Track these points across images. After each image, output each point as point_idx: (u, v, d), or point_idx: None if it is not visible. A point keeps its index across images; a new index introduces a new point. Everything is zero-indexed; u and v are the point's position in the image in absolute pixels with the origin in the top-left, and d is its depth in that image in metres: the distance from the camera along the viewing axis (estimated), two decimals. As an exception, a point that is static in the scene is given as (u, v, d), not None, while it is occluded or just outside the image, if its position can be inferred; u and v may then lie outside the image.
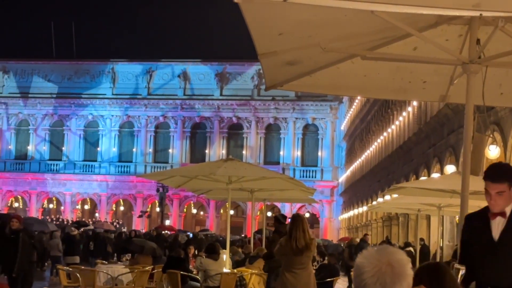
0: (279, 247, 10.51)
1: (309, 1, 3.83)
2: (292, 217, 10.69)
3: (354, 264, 2.83)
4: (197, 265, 14.67)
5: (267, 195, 19.83)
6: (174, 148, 64.73)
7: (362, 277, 2.71)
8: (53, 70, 67.08)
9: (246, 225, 59.46)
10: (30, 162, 66.49)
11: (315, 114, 63.12)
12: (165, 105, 64.80)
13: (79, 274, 16.07)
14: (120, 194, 65.31)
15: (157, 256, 20.50)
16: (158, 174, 26.79)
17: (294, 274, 10.14)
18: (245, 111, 63.95)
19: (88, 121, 66.54)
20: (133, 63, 66.37)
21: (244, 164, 18.29)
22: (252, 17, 4.41)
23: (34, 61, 67.99)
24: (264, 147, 64.16)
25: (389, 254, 2.74)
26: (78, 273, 16.18)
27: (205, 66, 65.20)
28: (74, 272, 16.41)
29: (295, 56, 5.28)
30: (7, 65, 67.73)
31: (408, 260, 2.76)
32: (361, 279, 2.72)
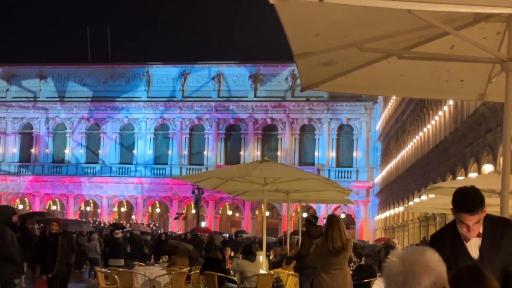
0: (315, 247, 10.46)
1: (345, 1, 3.82)
2: (327, 218, 10.63)
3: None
4: (234, 266, 14.69)
5: (303, 196, 19.76)
6: (209, 150, 64.92)
7: (385, 276, 2.75)
8: (89, 74, 67.75)
9: (282, 226, 59.39)
10: (67, 166, 67.22)
11: (349, 115, 62.83)
12: (200, 107, 65.04)
13: (117, 276, 16.19)
14: (156, 196, 65.71)
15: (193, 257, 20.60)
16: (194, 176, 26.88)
17: (330, 275, 10.09)
18: (279, 112, 63.90)
19: (124, 124, 67.06)
20: (168, 66, 66.74)
21: (280, 165, 18.24)
22: (287, 17, 4.41)
23: (70, 65, 68.78)
24: (299, 148, 64.04)
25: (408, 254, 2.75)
26: (116, 275, 16.30)
27: (239, 67, 65.30)
28: (112, 274, 16.54)
29: (331, 56, 5.25)
30: (44, 70, 68.57)
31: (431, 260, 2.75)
32: (385, 278, 2.75)
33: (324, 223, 10.75)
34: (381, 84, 6.33)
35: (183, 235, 41.83)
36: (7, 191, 67.57)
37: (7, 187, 67.54)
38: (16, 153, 68.56)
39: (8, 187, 67.55)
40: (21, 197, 67.82)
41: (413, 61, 5.41)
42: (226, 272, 15.36)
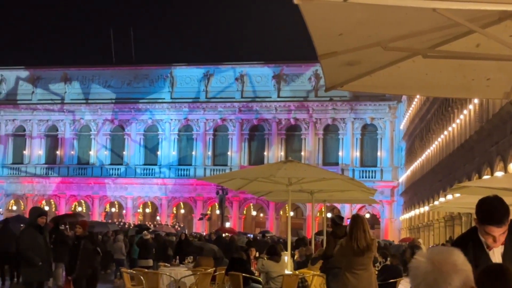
0: (339, 248, 10.43)
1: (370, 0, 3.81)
2: (352, 218, 10.61)
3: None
4: (259, 267, 14.70)
5: (327, 196, 19.74)
6: (233, 150, 65.01)
7: (412, 276, 2.74)
8: (113, 76, 68.15)
9: (306, 227, 59.32)
10: (92, 167, 67.68)
11: (373, 114, 62.59)
12: (223, 108, 65.17)
13: (142, 277, 16.28)
14: (180, 197, 65.94)
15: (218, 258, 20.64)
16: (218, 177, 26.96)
17: (355, 275, 10.05)
18: (302, 113, 63.83)
19: (148, 125, 67.37)
20: (191, 67, 66.97)
21: (304, 165, 18.23)
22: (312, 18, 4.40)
23: (94, 67, 69.24)
24: (323, 148, 63.92)
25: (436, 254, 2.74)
26: (142, 275, 16.39)
27: (263, 68, 65.33)
28: (138, 275, 16.63)
29: (355, 56, 5.24)
30: (69, 72, 69.11)
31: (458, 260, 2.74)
32: (412, 279, 2.75)
33: (348, 223, 10.72)
34: (406, 84, 6.31)
35: (207, 236, 41.93)
36: (33, 192, 68.18)
37: (33, 189, 68.17)
38: (41, 155, 69.15)
39: (34, 189, 68.18)
40: (47, 199, 68.40)
41: (438, 60, 5.38)
42: (251, 272, 15.38)
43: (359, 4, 3.96)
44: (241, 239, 35.98)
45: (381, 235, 58.40)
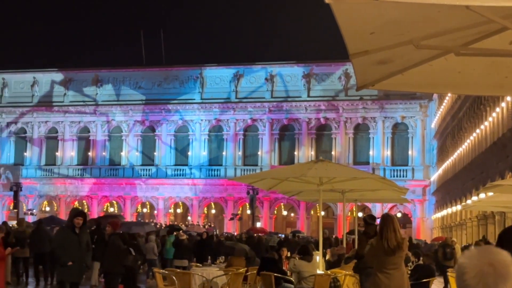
0: (370, 247, 10.39)
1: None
2: (382, 217, 10.53)
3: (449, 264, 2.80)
4: (291, 266, 14.70)
5: (358, 196, 19.67)
6: (263, 150, 65.03)
7: (464, 277, 2.68)
8: (144, 77, 68.55)
9: (337, 226, 59.18)
10: (123, 168, 68.13)
11: (404, 113, 62.19)
12: (253, 108, 65.21)
13: (175, 277, 16.35)
14: (211, 197, 66.11)
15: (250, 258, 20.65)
16: (249, 177, 26.96)
17: (387, 275, 9.99)
18: (333, 112, 63.65)
19: (178, 126, 67.64)
20: (221, 67, 67.11)
21: (335, 165, 18.21)
22: (343, 17, 4.40)
23: (125, 69, 69.70)
24: (353, 148, 63.68)
25: (491, 254, 2.68)
26: (174, 275, 16.46)
27: (292, 68, 65.26)
28: (170, 275, 16.70)
29: (387, 54, 5.21)
30: (100, 74, 69.66)
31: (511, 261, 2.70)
32: (463, 280, 2.69)
33: (379, 222, 10.66)
34: (438, 82, 6.27)
35: (238, 236, 42.01)
36: (66, 194, 68.85)
37: (66, 190, 68.82)
38: (74, 156, 69.79)
39: (67, 190, 68.83)
40: (79, 200, 69.00)
41: (471, 58, 5.33)
42: (283, 272, 15.37)
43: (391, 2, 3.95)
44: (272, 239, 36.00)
45: (413, 235, 57.93)
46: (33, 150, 70.42)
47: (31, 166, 69.92)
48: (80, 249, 14.08)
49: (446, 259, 25.04)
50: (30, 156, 70.34)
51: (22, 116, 70.70)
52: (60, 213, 65.14)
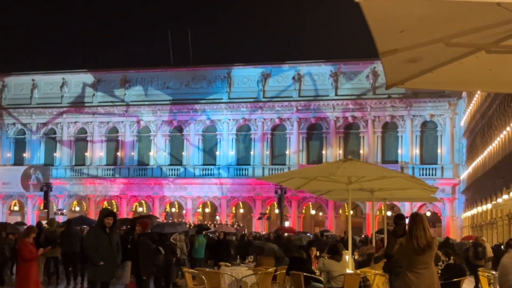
0: (399, 247, 10.34)
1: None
2: (411, 216, 10.47)
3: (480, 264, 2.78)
4: (320, 266, 14.66)
5: (387, 195, 19.56)
6: (291, 150, 64.96)
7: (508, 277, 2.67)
8: (171, 77, 68.82)
9: (366, 225, 58.96)
10: (152, 168, 68.46)
11: (433, 111, 61.74)
12: (281, 107, 65.16)
13: (204, 277, 16.39)
14: (239, 196, 66.20)
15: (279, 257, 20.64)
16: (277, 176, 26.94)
17: (417, 274, 9.92)
18: (360, 111, 63.40)
19: (206, 126, 67.81)
20: (248, 67, 67.15)
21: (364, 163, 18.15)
22: (373, 15, 4.39)
23: (153, 69, 70.04)
24: (382, 146, 63.38)
25: None
26: (203, 275, 16.50)
27: (319, 66, 65.11)
28: (199, 275, 16.75)
29: (417, 53, 5.19)
30: (128, 74, 70.06)
31: None
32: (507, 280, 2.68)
33: (408, 221, 10.60)
34: (468, 80, 6.22)
35: (266, 235, 42.02)
36: (95, 193, 69.37)
37: (95, 190, 69.34)
38: (103, 156, 70.28)
39: (96, 190, 69.35)
40: (108, 200, 69.46)
41: (502, 55, 5.29)
42: (312, 272, 15.35)
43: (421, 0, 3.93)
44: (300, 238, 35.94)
45: (443, 234, 57.61)
46: (63, 151, 71.03)
47: (61, 167, 70.55)
48: (111, 249, 14.19)
49: (477, 258, 24.83)
50: (60, 157, 70.96)
51: (52, 117, 71.35)
52: (90, 213, 65.66)
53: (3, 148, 72.55)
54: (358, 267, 17.82)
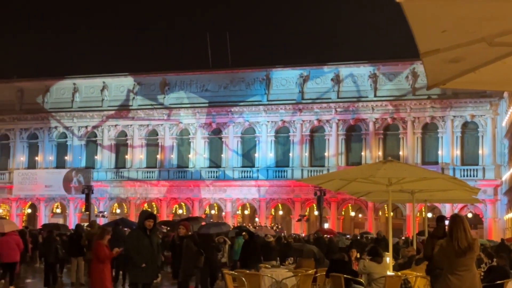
0: (440, 248, 10.22)
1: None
2: (451, 218, 10.34)
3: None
4: (361, 268, 14.59)
5: (428, 196, 19.40)
6: (330, 151, 64.74)
7: None
8: (210, 80, 69.07)
9: (406, 227, 58.50)
10: (191, 170, 68.75)
11: (474, 112, 61.00)
12: (320, 109, 64.98)
13: (244, 278, 16.41)
14: (278, 198, 66.15)
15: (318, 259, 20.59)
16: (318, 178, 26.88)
17: (458, 277, 9.78)
18: (400, 111, 62.92)
19: (244, 128, 67.90)
20: (287, 69, 67.08)
21: (404, 165, 18.02)
22: (414, 15, 4.36)
23: (191, 72, 70.37)
24: (421, 147, 62.80)
25: None
26: (244, 277, 16.52)
27: (358, 67, 64.77)
28: (240, 276, 16.78)
29: (459, 53, 5.14)
30: (167, 77, 70.51)
31: None
32: None
33: (448, 223, 10.47)
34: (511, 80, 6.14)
35: (306, 237, 41.93)
36: (136, 196, 69.90)
37: (136, 192, 69.87)
38: (143, 159, 70.79)
39: (136, 192, 69.87)
40: (148, 202, 69.94)
41: (546, 54, 5.21)
42: (353, 273, 15.28)
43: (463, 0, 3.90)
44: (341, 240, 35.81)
45: (485, 235, 56.87)
46: (104, 154, 71.72)
47: (102, 169, 71.25)
48: (152, 251, 14.31)
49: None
50: (101, 159, 71.66)
51: (93, 121, 72.11)
52: (130, 215, 66.21)
53: (46, 152, 73.56)
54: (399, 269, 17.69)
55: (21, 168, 73.87)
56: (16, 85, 75.57)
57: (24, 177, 72.67)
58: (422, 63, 5.30)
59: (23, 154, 74.58)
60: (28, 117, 74.14)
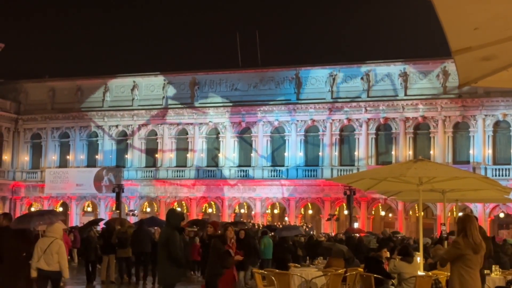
0: (455, 244, 10.36)
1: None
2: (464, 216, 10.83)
3: None
4: (391, 268, 14.52)
5: (459, 196, 19.24)
6: (360, 150, 64.47)
7: None
8: (239, 79, 69.14)
9: (437, 227, 58.03)
10: (221, 169, 68.87)
11: (506, 110, 60.34)
12: (349, 107, 64.74)
13: (274, 277, 16.42)
14: (308, 198, 66.03)
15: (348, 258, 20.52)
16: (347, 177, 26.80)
17: (472, 274, 10.08)
18: (430, 111, 62.46)
19: (274, 127, 67.86)
20: (316, 68, 66.92)
21: (435, 164, 17.89)
22: (446, 13, 4.32)
23: (221, 71, 70.50)
24: (452, 146, 62.28)
25: None
26: (273, 276, 16.53)
27: (388, 66, 64.42)
28: (269, 275, 16.79)
29: (491, 50, 5.08)
30: (197, 76, 70.74)
31: None
32: None
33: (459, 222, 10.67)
34: (545, 78, 6.06)
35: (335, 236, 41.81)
36: (166, 195, 70.19)
37: (166, 191, 70.16)
38: (173, 158, 71.07)
39: (166, 191, 70.17)
40: (178, 201, 70.21)
41: None
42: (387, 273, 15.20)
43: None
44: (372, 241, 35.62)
45: (517, 235, 56.26)
46: (134, 153, 72.13)
47: (132, 168, 71.67)
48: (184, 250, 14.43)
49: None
50: (131, 158, 72.08)
51: (123, 120, 72.56)
52: (161, 214, 66.44)
53: (77, 150, 74.21)
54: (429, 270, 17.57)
55: (52, 167, 74.61)
56: (48, 84, 76.41)
57: (56, 175, 73.37)
58: (454, 61, 5.25)
59: (55, 153, 75.32)
60: (59, 116, 74.86)
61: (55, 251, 13.96)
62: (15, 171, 76.37)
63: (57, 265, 13.98)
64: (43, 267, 13.90)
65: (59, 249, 14.03)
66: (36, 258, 13.89)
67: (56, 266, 13.99)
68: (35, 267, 13.88)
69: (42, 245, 14.03)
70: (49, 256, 13.88)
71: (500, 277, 16.57)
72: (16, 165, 76.53)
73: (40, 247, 13.99)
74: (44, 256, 13.87)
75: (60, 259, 14.00)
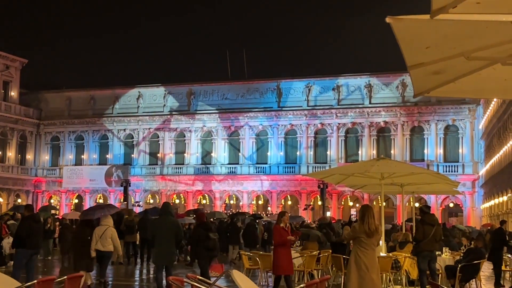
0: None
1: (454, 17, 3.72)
2: (363, 207, 11.04)
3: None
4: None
5: (415, 189, 19.33)
6: (331, 150, 64.61)
7: None
8: (229, 89, 69.12)
9: (397, 215, 58.25)
10: (213, 166, 68.83)
11: (455, 116, 60.71)
12: (323, 114, 64.84)
13: (258, 258, 16.40)
14: (287, 190, 66.10)
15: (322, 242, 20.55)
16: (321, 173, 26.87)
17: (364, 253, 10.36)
18: (391, 116, 62.69)
19: (259, 130, 67.86)
20: (295, 80, 67.01)
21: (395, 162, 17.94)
22: (402, 34, 4.34)
23: (213, 83, 70.45)
24: (410, 147, 62.52)
25: None
26: (258, 257, 16.51)
27: (355, 79, 64.62)
28: (255, 257, 16.78)
29: (441, 66, 5.12)
30: (193, 87, 70.65)
31: None
32: None
33: (359, 211, 11.16)
34: (486, 88, 6.12)
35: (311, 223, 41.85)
36: (166, 188, 70.12)
37: (166, 185, 70.10)
38: (172, 157, 70.97)
39: (166, 185, 70.12)
40: (177, 194, 70.14)
41: (516, 67, 5.17)
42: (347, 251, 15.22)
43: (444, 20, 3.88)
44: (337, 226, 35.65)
45: (464, 222, 56.63)
46: (139, 152, 71.94)
47: (138, 166, 71.47)
48: None
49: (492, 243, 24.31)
50: (137, 157, 71.91)
51: (130, 124, 72.34)
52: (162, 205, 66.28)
53: (90, 151, 73.94)
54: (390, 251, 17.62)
55: (69, 165, 74.28)
56: (65, 94, 76.10)
57: (72, 172, 73.03)
58: (409, 75, 5.29)
59: (71, 153, 74.98)
60: (75, 122, 74.53)
61: (108, 236, 15.66)
62: (37, 169, 75.99)
63: (110, 247, 15.70)
64: (99, 248, 15.51)
65: (112, 235, 15.78)
66: (94, 242, 15.47)
67: (109, 248, 15.70)
68: (94, 249, 15.44)
69: (98, 232, 15.66)
70: (104, 240, 15.55)
71: (449, 257, 16.64)
72: (38, 163, 76.14)
73: (97, 234, 15.60)
74: (100, 240, 15.50)
75: (114, 242, 15.77)
